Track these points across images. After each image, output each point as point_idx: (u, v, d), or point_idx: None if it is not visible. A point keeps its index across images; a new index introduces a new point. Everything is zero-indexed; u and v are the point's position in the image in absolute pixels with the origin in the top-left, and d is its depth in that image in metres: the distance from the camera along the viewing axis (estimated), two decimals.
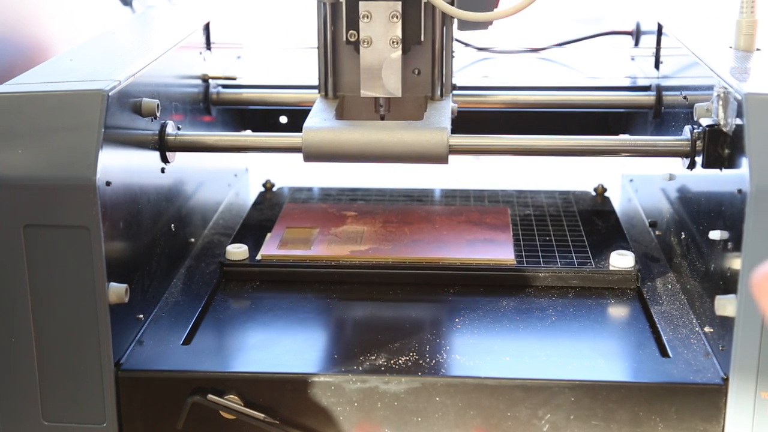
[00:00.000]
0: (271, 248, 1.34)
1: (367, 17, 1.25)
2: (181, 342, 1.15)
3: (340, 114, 1.33)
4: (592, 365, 1.10)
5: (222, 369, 1.10)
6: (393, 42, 1.26)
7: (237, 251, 1.31)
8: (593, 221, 1.46)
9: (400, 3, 1.25)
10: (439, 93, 1.34)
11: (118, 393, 1.09)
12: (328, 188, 1.61)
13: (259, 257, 1.32)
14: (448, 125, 1.23)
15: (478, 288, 1.27)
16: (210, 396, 1.08)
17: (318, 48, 1.34)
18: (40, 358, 1.08)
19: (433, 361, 1.11)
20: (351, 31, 1.28)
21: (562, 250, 1.34)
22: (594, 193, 1.58)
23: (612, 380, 1.07)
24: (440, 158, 1.21)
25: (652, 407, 1.06)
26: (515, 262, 1.29)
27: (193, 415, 1.09)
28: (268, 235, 1.39)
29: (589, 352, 1.13)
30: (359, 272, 1.29)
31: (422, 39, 1.29)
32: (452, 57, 1.35)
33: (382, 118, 1.35)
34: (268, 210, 1.52)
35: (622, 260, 1.28)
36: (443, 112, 1.28)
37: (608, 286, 1.27)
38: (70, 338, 1.07)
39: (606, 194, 1.58)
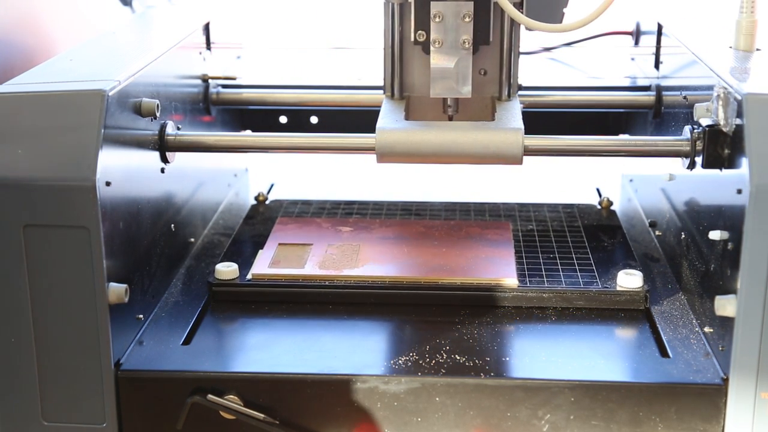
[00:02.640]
0: (262, 267, 1.28)
1: (439, 17, 1.25)
2: (181, 342, 1.15)
3: (407, 115, 1.31)
4: (592, 365, 1.10)
5: (222, 369, 1.10)
6: (464, 42, 1.25)
7: (226, 270, 1.26)
8: (599, 237, 1.41)
9: (472, 3, 1.24)
10: (506, 93, 1.33)
11: (118, 393, 1.09)
12: (323, 201, 1.54)
13: (249, 276, 1.27)
14: (522, 126, 1.22)
15: (478, 309, 1.22)
16: (210, 396, 1.08)
17: (384, 49, 1.33)
18: (40, 358, 1.07)
19: (433, 361, 1.10)
20: (420, 32, 1.27)
21: (567, 269, 1.29)
22: (599, 207, 1.53)
23: (612, 380, 1.07)
24: (515, 159, 1.20)
25: (652, 407, 1.06)
26: (518, 284, 1.24)
27: (193, 415, 1.09)
28: (260, 252, 1.33)
29: (589, 352, 1.13)
30: (354, 292, 1.24)
31: (491, 40, 1.28)
32: (519, 57, 1.33)
33: (450, 118, 1.33)
34: (260, 224, 1.47)
35: (629, 280, 1.23)
36: (514, 112, 1.27)
37: (615, 307, 1.21)
38: (70, 338, 1.07)
39: (612, 207, 1.53)
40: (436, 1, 1.24)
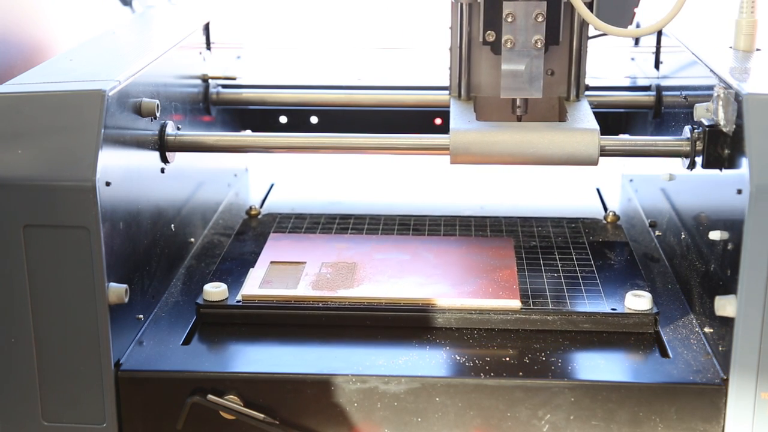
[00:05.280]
0: (252, 287, 1.22)
1: (511, 18, 1.24)
2: (181, 342, 1.15)
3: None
4: (592, 365, 1.10)
5: (222, 369, 1.10)
6: (536, 42, 1.25)
7: (215, 291, 1.20)
8: (605, 254, 1.34)
9: (545, 3, 1.23)
10: (575, 94, 1.32)
11: (118, 393, 1.09)
12: (318, 215, 1.48)
13: (239, 298, 1.21)
14: (597, 126, 1.21)
15: (480, 331, 1.17)
16: (210, 396, 1.08)
17: (452, 49, 1.33)
18: (40, 358, 1.07)
19: (433, 361, 1.11)
20: (489, 32, 1.26)
21: (572, 289, 1.23)
22: (605, 221, 1.47)
23: (612, 380, 1.07)
24: (591, 160, 1.19)
25: (652, 407, 1.06)
26: (521, 306, 1.18)
27: (193, 415, 1.09)
28: (251, 270, 1.27)
29: (588, 353, 1.13)
30: (350, 314, 1.18)
31: (560, 40, 1.28)
32: (587, 57, 1.33)
33: (519, 119, 1.32)
34: (251, 241, 1.40)
35: (638, 302, 1.17)
36: (587, 113, 1.26)
37: (623, 330, 1.16)
38: (70, 338, 1.07)
39: (618, 222, 1.47)
40: (508, 1, 1.23)
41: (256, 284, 1.23)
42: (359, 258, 1.30)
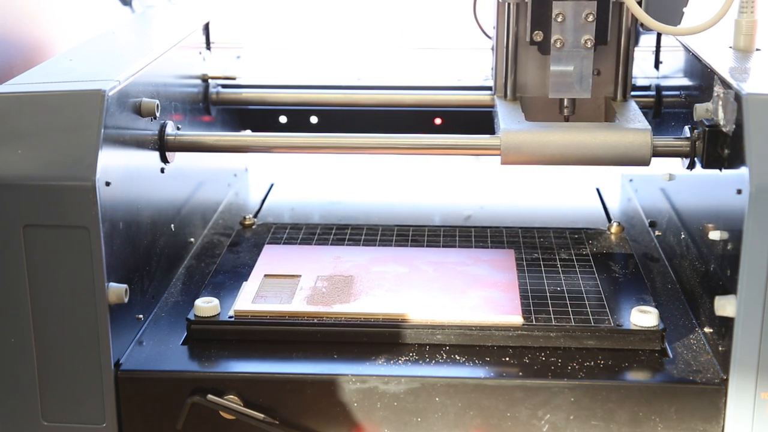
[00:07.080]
0: (245, 302, 1.18)
1: (561, 17, 1.24)
2: (181, 342, 1.15)
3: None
4: (592, 365, 1.10)
5: (222, 369, 1.10)
6: (586, 42, 1.25)
7: (206, 306, 1.16)
8: (609, 267, 1.30)
9: (595, 3, 1.23)
10: (621, 94, 1.32)
11: (118, 393, 1.09)
12: (314, 225, 1.44)
13: (231, 313, 1.17)
14: (649, 126, 1.21)
15: (480, 349, 1.13)
16: (210, 396, 1.08)
17: (497, 49, 1.33)
18: (40, 358, 1.07)
19: (433, 361, 1.11)
20: (537, 32, 1.26)
21: (575, 304, 1.19)
22: (609, 232, 1.42)
23: (612, 380, 1.07)
24: (643, 160, 1.19)
25: (652, 407, 1.06)
26: (523, 323, 1.14)
27: (192, 415, 1.09)
28: (244, 284, 1.23)
29: (588, 352, 1.13)
30: (346, 331, 1.14)
31: (608, 40, 1.28)
32: (634, 57, 1.33)
33: (566, 119, 1.32)
34: (245, 252, 1.36)
35: (643, 318, 1.13)
36: (636, 113, 1.26)
37: (628, 347, 1.12)
38: (70, 338, 1.07)
39: (623, 234, 1.41)
40: (558, 1, 1.23)
41: (249, 299, 1.19)
42: (356, 271, 1.27)
